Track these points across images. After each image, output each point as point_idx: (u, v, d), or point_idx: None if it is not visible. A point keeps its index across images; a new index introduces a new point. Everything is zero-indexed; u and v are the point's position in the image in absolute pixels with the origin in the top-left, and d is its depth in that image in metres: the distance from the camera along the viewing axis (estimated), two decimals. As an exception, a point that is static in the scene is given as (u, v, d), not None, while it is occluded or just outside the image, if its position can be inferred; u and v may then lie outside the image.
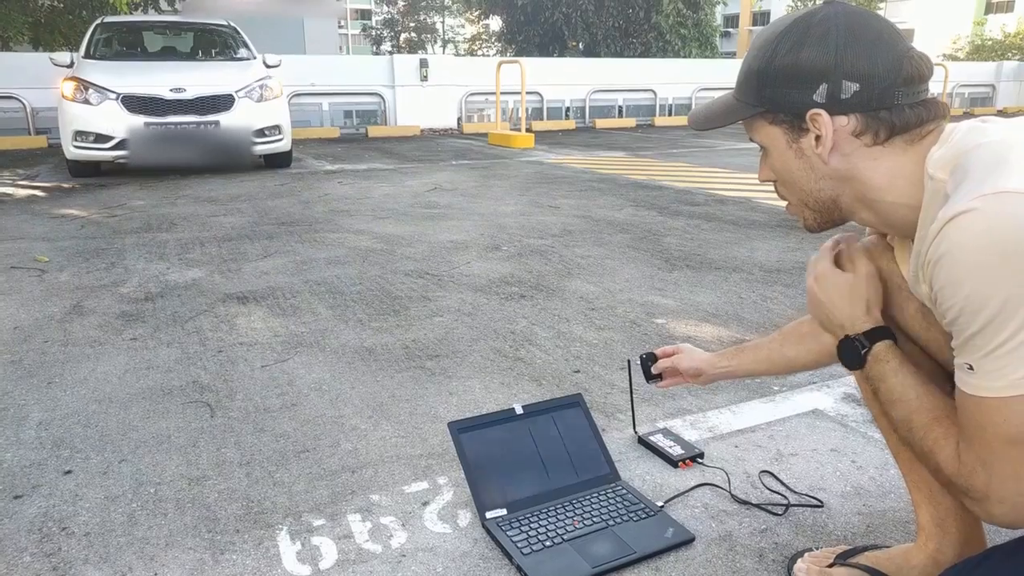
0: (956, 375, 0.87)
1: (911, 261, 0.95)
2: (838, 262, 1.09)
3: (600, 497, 1.46)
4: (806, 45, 0.91)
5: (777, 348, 1.34)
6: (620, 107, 13.63)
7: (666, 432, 1.76)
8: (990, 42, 33.28)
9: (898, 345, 1.01)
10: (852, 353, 1.04)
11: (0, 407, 1.97)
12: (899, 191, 0.93)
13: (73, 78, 6.30)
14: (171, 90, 6.28)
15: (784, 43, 0.92)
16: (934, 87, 14.50)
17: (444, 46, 40.90)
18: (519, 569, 1.27)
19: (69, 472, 1.64)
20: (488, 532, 1.38)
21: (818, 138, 0.93)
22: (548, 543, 1.32)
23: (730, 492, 1.52)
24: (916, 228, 0.92)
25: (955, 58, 30.98)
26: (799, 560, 1.28)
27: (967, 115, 15.29)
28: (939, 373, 1.09)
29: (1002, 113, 15.99)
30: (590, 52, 20.67)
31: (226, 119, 6.40)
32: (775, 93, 0.94)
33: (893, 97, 0.89)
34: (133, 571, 1.30)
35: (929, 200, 0.89)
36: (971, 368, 0.82)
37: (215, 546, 1.37)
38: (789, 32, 0.92)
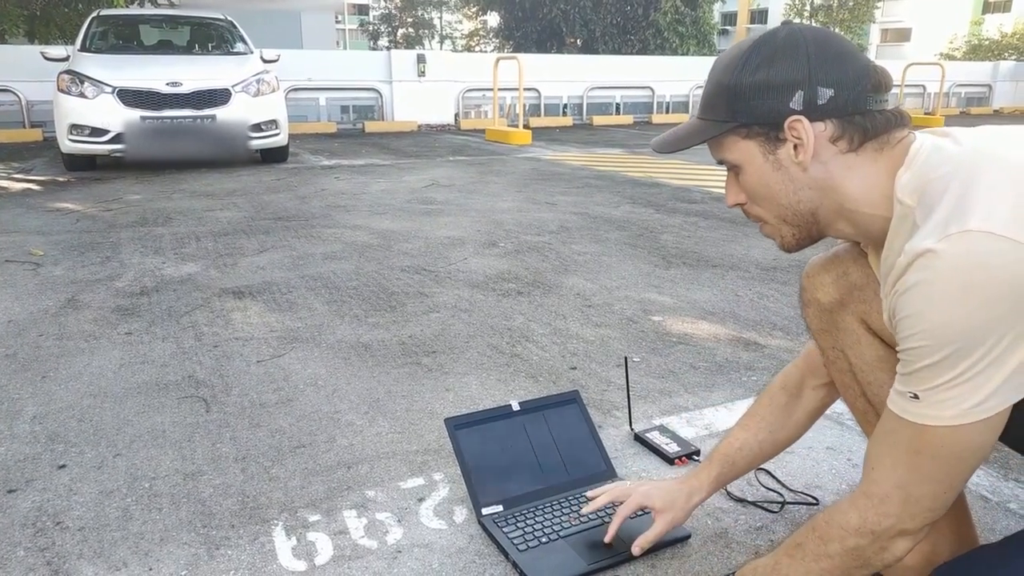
0: (894, 400, 0.89)
1: (881, 279, 0.97)
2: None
3: (596, 494, 1.46)
4: (777, 58, 0.92)
5: (769, 438, 1.30)
6: (618, 104, 13.63)
7: (662, 429, 1.76)
8: (987, 42, 33.37)
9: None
10: None
11: (-6, 401, 1.96)
12: (874, 203, 0.94)
13: (69, 71, 6.27)
14: (167, 84, 6.25)
15: (753, 59, 0.93)
16: (932, 86, 14.55)
17: (442, 42, 40.83)
18: (515, 566, 1.27)
19: (63, 466, 1.63)
20: (484, 528, 1.38)
21: (796, 147, 0.93)
22: (544, 540, 1.32)
23: (726, 490, 1.52)
24: (878, 238, 0.94)
25: (952, 58, 31.07)
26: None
27: (964, 115, 15.36)
28: None
29: (998, 113, 16.03)
30: (588, 49, 20.66)
31: (222, 113, 6.38)
32: (749, 105, 0.94)
33: (865, 102, 0.92)
34: (128, 566, 1.30)
35: (897, 224, 0.90)
36: (916, 397, 0.85)
37: (210, 541, 1.37)
38: (756, 49, 0.94)
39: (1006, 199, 0.81)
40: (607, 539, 1.29)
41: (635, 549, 1.25)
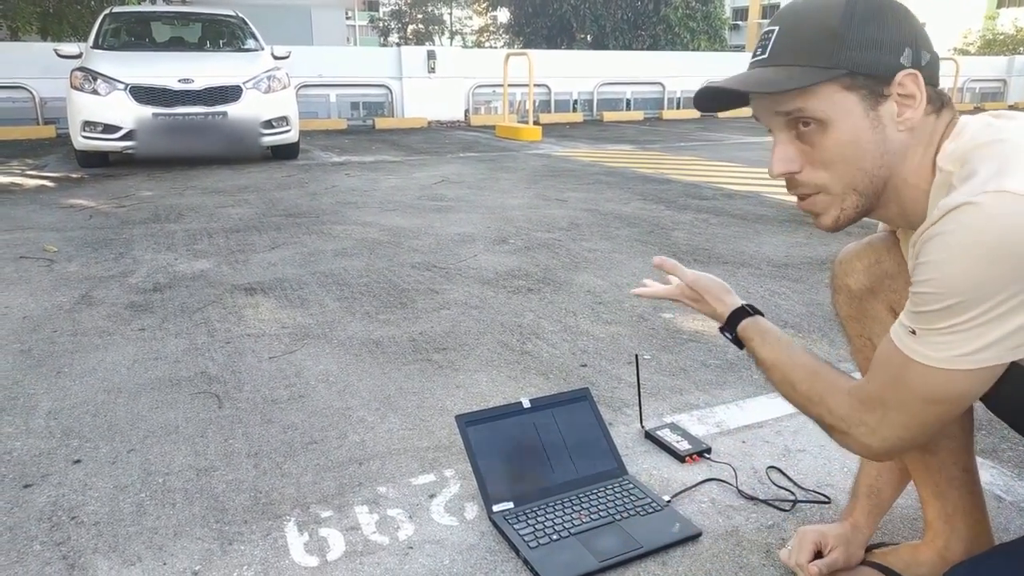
0: (895, 329, 0.91)
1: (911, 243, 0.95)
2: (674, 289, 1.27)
3: (607, 491, 1.46)
4: (884, 13, 0.88)
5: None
6: (628, 100, 13.58)
7: (673, 427, 1.76)
8: (1002, 36, 33.01)
9: (756, 320, 1.14)
10: (728, 339, 1.19)
11: (10, 396, 1.98)
12: (925, 177, 0.93)
13: (82, 68, 6.31)
14: (179, 81, 6.28)
15: (858, 9, 0.88)
16: (945, 81, 14.41)
17: (452, 38, 40.80)
18: (526, 562, 1.27)
19: (78, 461, 1.65)
20: (495, 525, 1.38)
21: (900, 105, 0.89)
22: (555, 537, 1.32)
23: (737, 488, 1.52)
24: (918, 219, 0.93)
25: (966, 52, 30.75)
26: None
27: (977, 110, 15.21)
28: None
29: (1013, 108, 15.87)
30: (598, 44, 20.59)
31: (234, 110, 6.40)
32: (860, 56, 0.87)
33: (938, 74, 0.93)
34: (142, 560, 1.31)
35: (936, 190, 0.90)
36: (914, 333, 0.87)
37: (223, 536, 1.38)
38: (854, 1, 0.89)
39: None
40: None
41: (812, 569, 1.21)
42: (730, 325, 1.17)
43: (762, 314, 1.16)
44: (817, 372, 1.04)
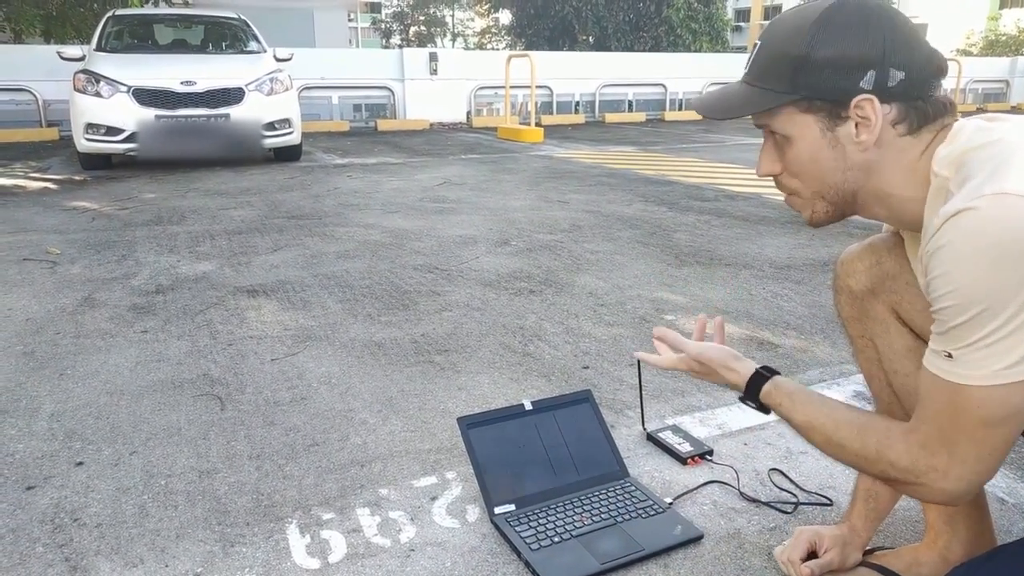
0: (929, 359, 0.88)
1: (919, 253, 0.96)
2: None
3: (609, 493, 1.46)
4: (850, 33, 0.88)
5: None
6: (630, 101, 13.59)
7: (675, 429, 1.76)
8: (1004, 37, 32.96)
9: (775, 382, 1.06)
10: (752, 407, 1.10)
11: (13, 398, 1.98)
12: (914, 186, 0.93)
13: (85, 71, 6.32)
14: (181, 83, 6.30)
15: (823, 31, 0.89)
16: (948, 82, 14.40)
17: (454, 40, 40.83)
18: (527, 565, 1.27)
19: (81, 464, 1.65)
20: (497, 527, 1.38)
21: (858, 127, 0.91)
22: (557, 539, 1.32)
23: (739, 490, 1.52)
24: (912, 221, 0.94)
25: (968, 53, 30.70)
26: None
27: (980, 111, 15.18)
28: None
29: (1016, 109, 15.84)
30: (600, 46, 20.59)
31: (236, 112, 6.42)
32: (817, 80, 0.90)
33: (929, 87, 0.91)
34: (144, 563, 1.31)
35: (933, 196, 0.90)
36: (950, 356, 0.84)
37: (225, 538, 1.38)
38: (826, 20, 0.90)
39: None
40: None
41: (804, 570, 1.21)
42: (750, 393, 1.08)
43: (778, 372, 1.09)
44: (865, 426, 0.96)
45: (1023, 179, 0.79)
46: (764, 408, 1.08)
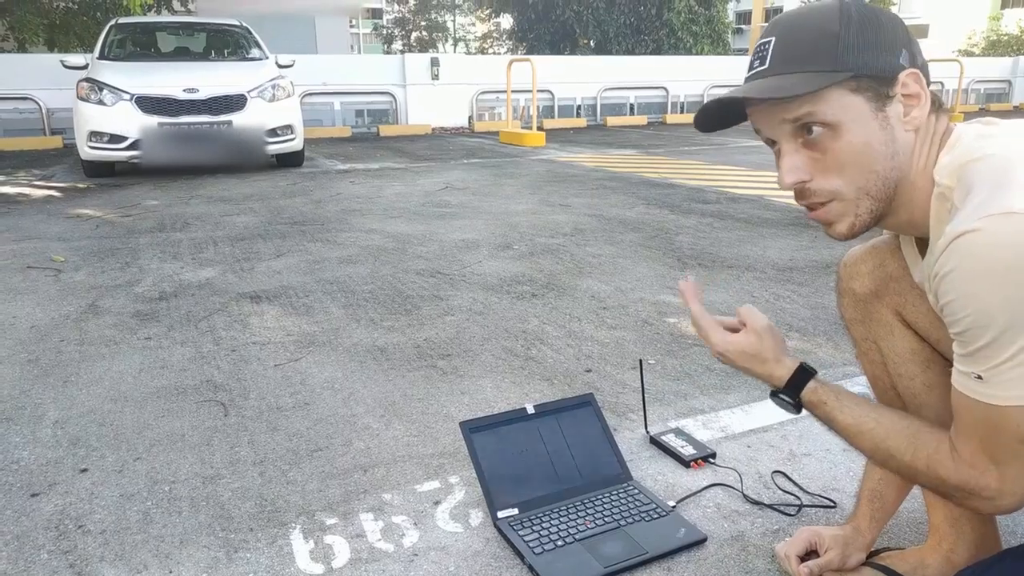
0: (959, 380, 0.87)
1: (924, 270, 0.96)
2: (731, 326, 1.07)
3: (612, 497, 1.46)
4: (873, 17, 0.89)
5: None
6: (632, 105, 13.60)
7: (678, 432, 1.76)
8: (1006, 37, 32.93)
9: (819, 380, 1.02)
10: (785, 406, 1.05)
11: (17, 406, 1.99)
12: (927, 179, 0.93)
13: (88, 79, 6.35)
14: (184, 90, 6.32)
15: (852, 15, 0.88)
16: (950, 83, 14.39)
17: (455, 45, 40.92)
18: (531, 569, 1.27)
19: (85, 470, 1.65)
20: (500, 532, 1.38)
21: (904, 104, 0.89)
22: (560, 543, 1.32)
23: (742, 492, 1.52)
24: (924, 227, 0.93)
25: (970, 54, 30.68)
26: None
27: (983, 111, 15.17)
28: (950, 371, 1.09)
29: (1018, 109, 15.82)
30: (601, 50, 20.62)
31: (239, 119, 6.44)
32: (863, 58, 0.87)
33: (929, 76, 0.93)
34: (148, 569, 1.32)
35: (937, 207, 0.90)
36: (980, 378, 0.83)
37: (229, 544, 1.38)
38: (847, 8, 0.89)
39: None
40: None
41: (802, 570, 1.20)
42: (792, 389, 1.02)
43: (815, 370, 1.04)
44: (915, 437, 0.93)
45: (1021, 195, 0.79)
46: (798, 406, 1.03)
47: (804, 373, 1.02)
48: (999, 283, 0.78)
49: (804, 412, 1.05)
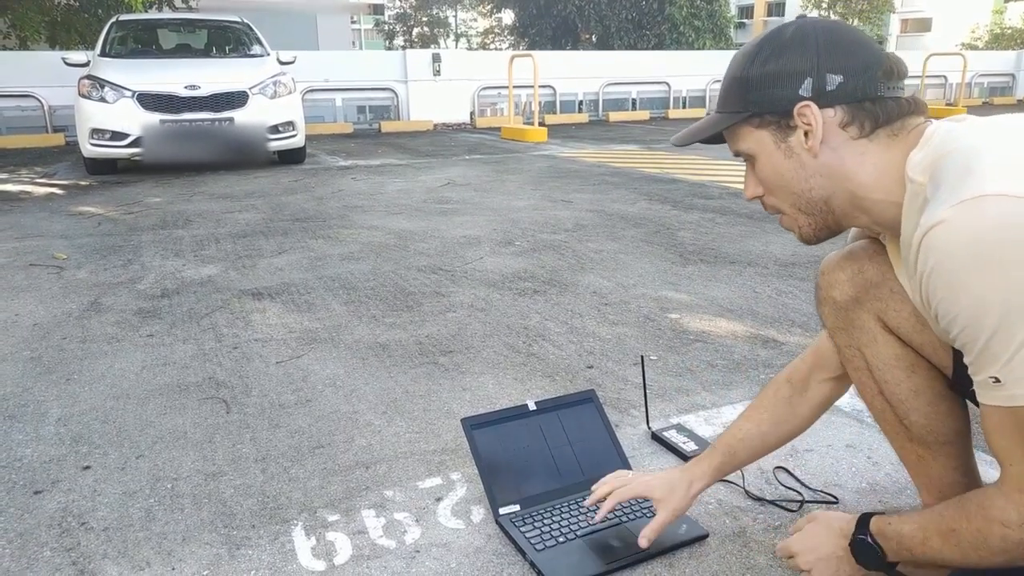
0: (982, 394, 0.85)
1: (903, 266, 0.98)
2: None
3: (613, 493, 1.45)
4: (786, 49, 0.95)
5: (772, 431, 1.28)
6: (634, 100, 13.56)
7: (680, 428, 1.76)
8: (1010, 31, 32.80)
9: (874, 518, 1.05)
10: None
11: (20, 403, 1.99)
12: (887, 189, 0.94)
13: (89, 76, 6.35)
14: (186, 87, 6.32)
15: (763, 51, 0.97)
16: (953, 76, 14.33)
17: (456, 40, 40.85)
18: (533, 565, 1.27)
19: (88, 468, 1.66)
20: (501, 528, 1.38)
21: (807, 133, 0.95)
22: (562, 539, 1.32)
23: (744, 488, 1.52)
24: (895, 225, 0.95)
25: (974, 47, 30.57)
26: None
27: (986, 105, 15.12)
28: (935, 375, 1.10)
29: (1022, 103, 15.76)
30: (603, 45, 20.58)
31: (240, 116, 6.44)
32: (760, 95, 0.97)
33: (876, 88, 0.93)
34: (151, 566, 1.32)
35: (909, 203, 0.91)
36: (998, 380, 0.81)
37: (231, 541, 1.39)
38: (766, 42, 0.97)
39: (1012, 161, 0.81)
40: (597, 518, 1.32)
41: (642, 541, 1.26)
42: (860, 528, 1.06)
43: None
44: (957, 531, 0.91)
45: (986, 179, 0.79)
46: (889, 567, 1.03)
47: (865, 535, 1.05)
48: (978, 270, 0.78)
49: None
